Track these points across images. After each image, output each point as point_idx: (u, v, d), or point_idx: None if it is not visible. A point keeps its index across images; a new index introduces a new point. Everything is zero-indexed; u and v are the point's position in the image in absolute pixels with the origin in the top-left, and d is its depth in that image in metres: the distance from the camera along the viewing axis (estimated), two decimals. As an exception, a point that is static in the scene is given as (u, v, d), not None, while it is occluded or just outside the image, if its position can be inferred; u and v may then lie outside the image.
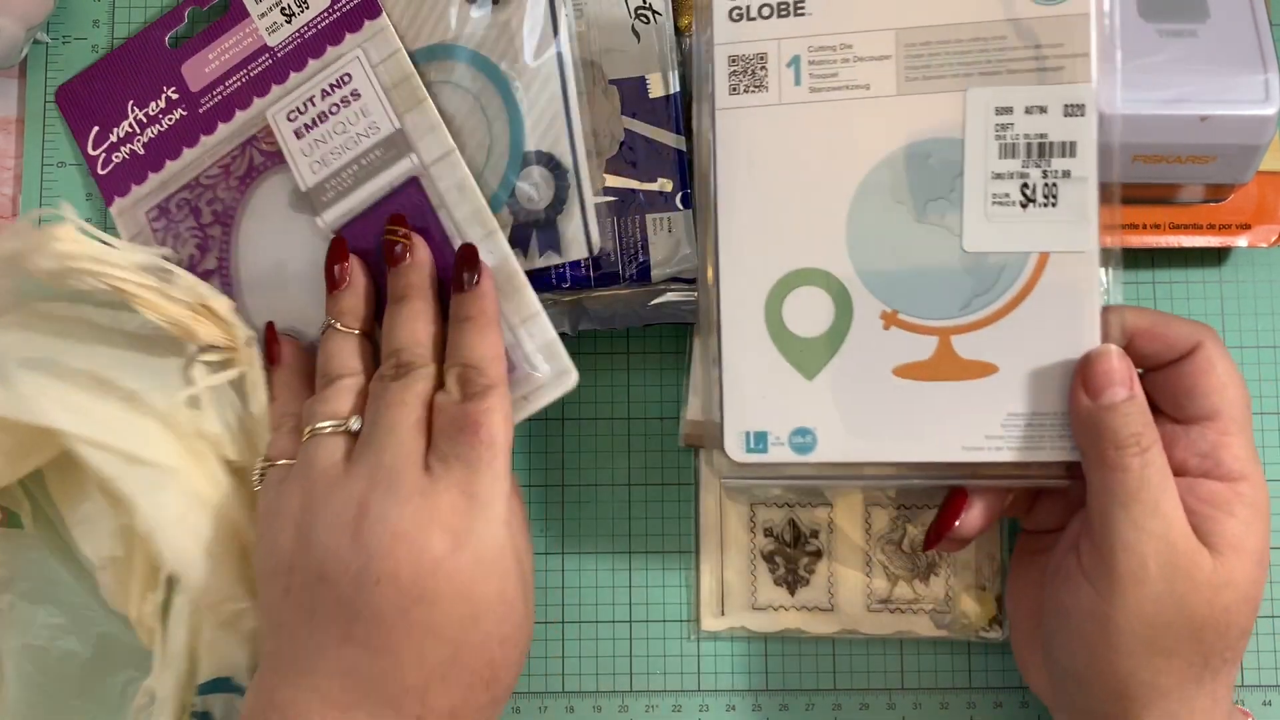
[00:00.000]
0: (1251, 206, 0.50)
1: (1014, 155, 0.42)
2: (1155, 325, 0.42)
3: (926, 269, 0.43)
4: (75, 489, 0.49)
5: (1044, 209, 0.42)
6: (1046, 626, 0.43)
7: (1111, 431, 0.40)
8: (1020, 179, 0.42)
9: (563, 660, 0.51)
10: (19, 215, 0.54)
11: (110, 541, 0.48)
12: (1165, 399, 0.42)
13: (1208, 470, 0.41)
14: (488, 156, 0.50)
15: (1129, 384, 0.40)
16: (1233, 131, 0.46)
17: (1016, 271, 0.42)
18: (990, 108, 0.42)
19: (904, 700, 0.51)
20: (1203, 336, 0.42)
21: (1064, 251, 0.42)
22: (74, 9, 0.55)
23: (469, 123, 0.49)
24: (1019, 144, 0.42)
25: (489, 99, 0.49)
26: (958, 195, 0.42)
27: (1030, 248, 0.42)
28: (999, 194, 0.42)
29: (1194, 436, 0.41)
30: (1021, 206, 0.42)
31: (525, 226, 0.49)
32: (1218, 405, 0.41)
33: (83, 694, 0.50)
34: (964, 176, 0.42)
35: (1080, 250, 0.42)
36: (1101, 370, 0.40)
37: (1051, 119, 0.42)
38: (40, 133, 0.54)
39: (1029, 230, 0.42)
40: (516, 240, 0.49)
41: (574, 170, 0.49)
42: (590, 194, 0.49)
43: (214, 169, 0.51)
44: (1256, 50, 0.46)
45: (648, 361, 0.52)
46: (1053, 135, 0.42)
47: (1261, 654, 0.51)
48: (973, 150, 0.42)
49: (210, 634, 0.46)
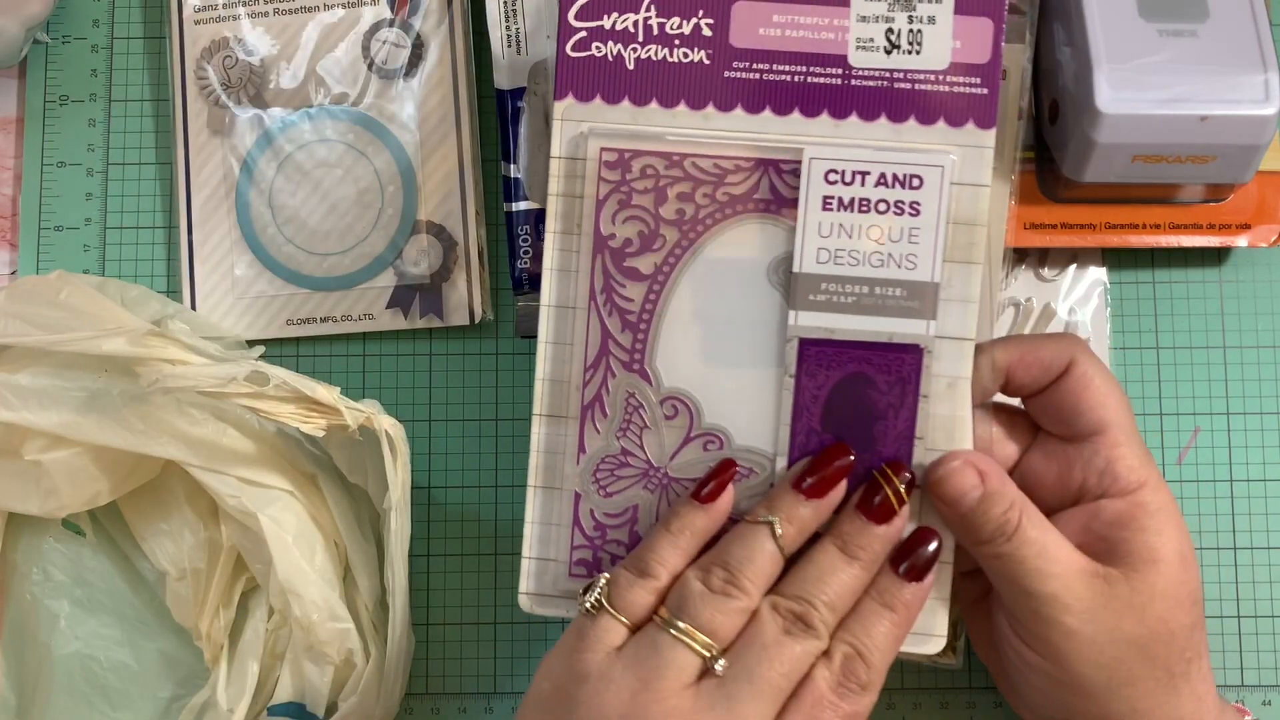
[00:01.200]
0: (1251, 206, 0.50)
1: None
2: (1025, 353, 0.42)
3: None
4: (152, 501, 0.50)
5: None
6: (1010, 678, 0.43)
7: (976, 531, 0.40)
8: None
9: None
10: (17, 215, 0.54)
11: (192, 554, 0.49)
12: (1051, 421, 0.42)
13: (1106, 488, 0.41)
14: (378, 217, 0.52)
15: (979, 482, 0.40)
16: (1233, 131, 0.46)
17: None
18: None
19: (904, 700, 0.51)
20: (1073, 353, 0.41)
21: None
22: (74, 9, 0.55)
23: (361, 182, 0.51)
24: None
25: (384, 162, 0.52)
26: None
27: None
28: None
29: (1087, 454, 0.41)
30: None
31: (409, 289, 0.51)
32: (1103, 418, 0.41)
33: (128, 707, 0.51)
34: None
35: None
36: (953, 487, 0.40)
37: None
38: (40, 133, 0.54)
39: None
40: (398, 300, 0.51)
41: (464, 243, 0.51)
42: (477, 267, 0.51)
43: (708, 163, 0.40)
44: (1256, 50, 0.46)
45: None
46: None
47: (1261, 654, 0.51)
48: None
49: (295, 655, 0.47)
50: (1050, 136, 0.50)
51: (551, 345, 0.42)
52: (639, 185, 0.41)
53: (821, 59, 0.40)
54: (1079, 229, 0.50)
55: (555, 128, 0.41)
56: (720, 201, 0.40)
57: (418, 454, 0.52)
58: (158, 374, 0.44)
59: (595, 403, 0.41)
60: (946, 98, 0.40)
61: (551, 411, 0.42)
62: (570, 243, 0.42)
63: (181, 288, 0.52)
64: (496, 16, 0.51)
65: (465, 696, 0.51)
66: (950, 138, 0.40)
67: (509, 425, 0.52)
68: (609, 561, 0.42)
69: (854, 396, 0.40)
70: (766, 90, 0.41)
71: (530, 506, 0.42)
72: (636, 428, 0.41)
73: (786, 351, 0.40)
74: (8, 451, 0.47)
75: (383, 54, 0.53)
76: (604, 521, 0.41)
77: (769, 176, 0.40)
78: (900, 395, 0.40)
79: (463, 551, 0.51)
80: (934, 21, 0.40)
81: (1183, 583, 0.40)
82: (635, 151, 0.41)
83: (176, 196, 0.53)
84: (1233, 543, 0.51)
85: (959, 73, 0.40)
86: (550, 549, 0.42)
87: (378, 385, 0.52)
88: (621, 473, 0.41)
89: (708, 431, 0.41)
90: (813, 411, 0.40)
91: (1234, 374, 0.52)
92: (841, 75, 0.40)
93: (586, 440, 0.41)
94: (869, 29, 0.40)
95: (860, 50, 0.40)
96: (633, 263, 0.41)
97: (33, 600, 0.51)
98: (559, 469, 0.42)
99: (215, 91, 0.53)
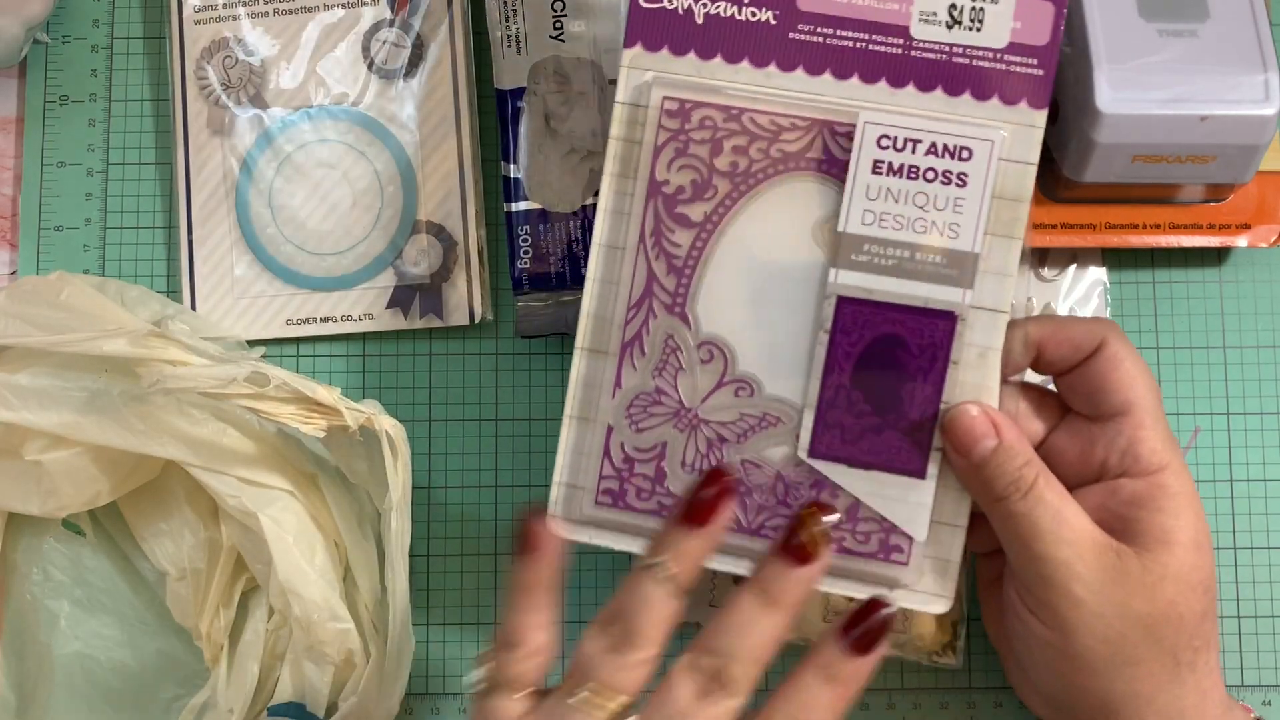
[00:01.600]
0: (1251, 206, 0.50)
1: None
2: (1057, 331, 0.42)
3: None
4: (152, 501, 0.50)
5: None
6: (1017, 656, 0.43)
7: (989, 484, 0.40)
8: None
9: (562, 661, 0.51)
10: (17, 215, 0.54)
11: (192, 554, 0.49)
12: (1079, 400, 0.42)
13: (1127, 468, 0.41)
14: (378, 217, 0.52)
15: (992, 433, 0.40)
16: (1233, 131, 0.46)
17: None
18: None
19: (904, 700, 0.51)
20: (1105, 333, 0.42)
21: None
22: (74, 9, 0.55)
23: (362, 181, 0.51)
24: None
25: (384, 163, 0.52)
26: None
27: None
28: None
29: (1111, 434, 0.41)
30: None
31: (409, 289, 0.51)
32: (1129, 399, 0.41)
33: (128, 707, 0.51)
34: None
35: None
36: (963, 428, 0.40)
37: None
38: (40, 133, 0.54)
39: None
40: (398, 300, 0.51)
41: (463, 244, 0.51)
42: (477, 268, 0.51)
43: (766, 119, 0.42)
44: (1256, 50, 0.46)
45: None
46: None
47: (1261, 654, 0.51)
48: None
49: (296, 655, 0.47)
50: (1050, 136, 0.49)
51: (599, 284, 0.43)
52: (697, 135, 0.42)
53: (884, 28, 0.41)
54: (1079, 229, 0.50)
55: (621, 75, 0.42)
56: (774, 158, 0.42)
57: (418, 454, 0.52)
58: (158, 374, 0.44)
59: (635, 341, 0.42)
60: (1003, 75, 0.41)
61: (593, 346, 0.43)
62: (625, 185, 0.43)
63: (181, 288, 0.52)
64: (496, 16, 0.51)
65: (465, 696, 0.51)
66: (1003, 114, 0.41)
67: (509, 425, 0.52)
68: (634, 494, 0.42)
69: (886, 357, 0.41)
70: (828, 54, 0.42)
71: (565, 435, 0.43)
72: (672, 369, 0.42)
73: (824, 308, 0.41)
74: (7, 452, 0.47)
75: (383, 54, 0.53)
76: (633, 455, 0.42)
77: (823, 137, 0.41)
78: (931, 360, 0.41)
79: (463, 551, 0.52)
80: (996, 1, 0.41)
81: (1196, 567, 0.40)
82: (696, 103, 0.42)
83: (176, 196, 0.53)
84: (1233, 543, 0.51)
85: (1017, 52, 0.41)
86: (580, 477, 0.43)
87: (378, 385, 0.52)
88: (654, 410, 0.42)
89: (740, 378, 0.42)
90: (844, 368, 0.41)
91: (1234, 374, 0.52)
92: (902, 46, 0.41)
93: (624, 376, 0.42)
94: (933, 3, 0.41)
95: (923, 23, 0.41)
96: (684, 210, 0.42)
97: (33, 600, 0.51)
98: (595, 401, 0.43)
99: (215, 91, 0.53)
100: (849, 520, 0.42)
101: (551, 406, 0.52)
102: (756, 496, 0.42)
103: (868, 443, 0.41)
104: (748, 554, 0.42)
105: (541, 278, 0.50)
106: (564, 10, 0.50)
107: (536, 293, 0.50)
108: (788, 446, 0.42)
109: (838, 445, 0.42)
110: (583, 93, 0.50)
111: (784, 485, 0.42)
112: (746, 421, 0.42)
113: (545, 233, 0.50)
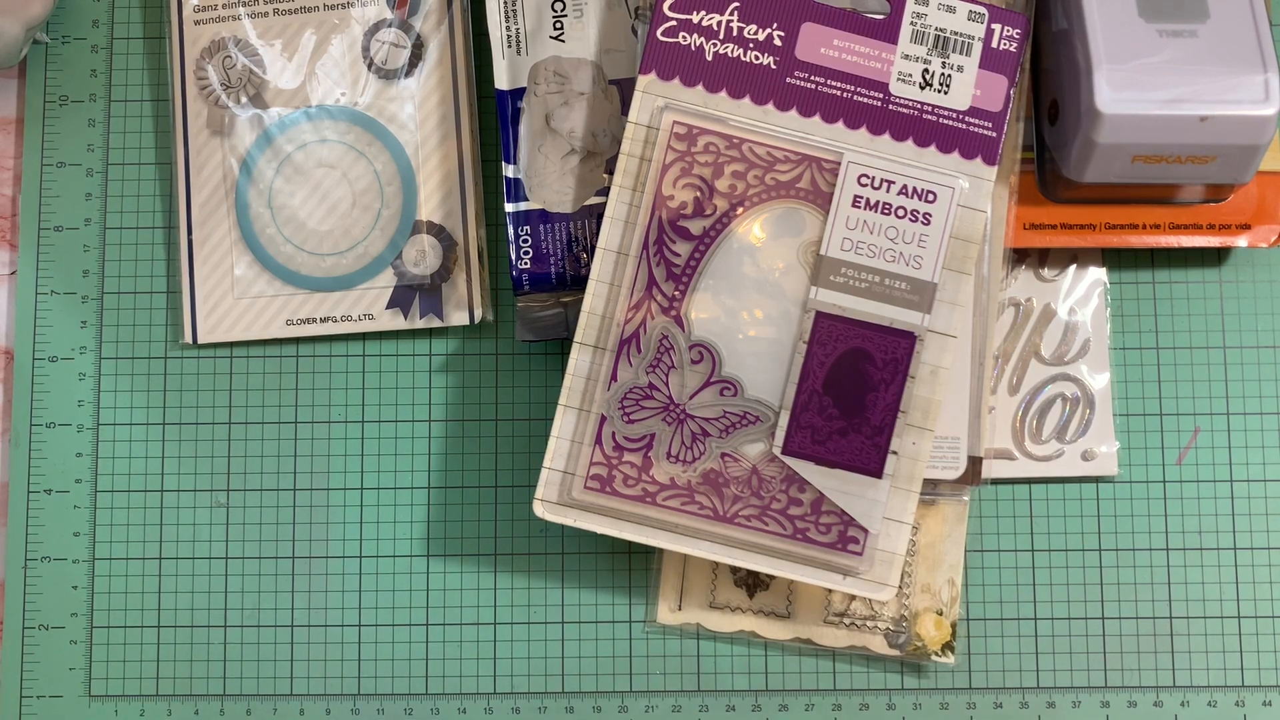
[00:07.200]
0: (1251, 206, 0.50)
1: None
2: None
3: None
4: None
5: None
6: None
7: None
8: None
9: (562, 661, 0.51)
10: (17, 215, 0.54)
11: None
12: None
13: None
14: (377, 217, 0.52)
15: None
16: (1233, 131, 0.46)
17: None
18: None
19: (903, 701, 0.51)
20: None
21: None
22: (74, 9, 0.55)
23: (362, 181, 0.52)
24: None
25: (384, 163, 0.52)
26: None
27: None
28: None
29: None
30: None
31: (409, 289, 0.52)
32: None
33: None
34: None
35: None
36: None
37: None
38: (40, 133, 0.54)
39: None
40: (398, 300, 0.52)
41: (463, 244, 0.51)
42: (477, 268, 0.51)
43: (763, 150, 0.47)
44: (1256, 50, 0.46)
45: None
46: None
47: (1262, 654, 0.51)
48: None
49: None
50: (1050, 137, 0.50)
51: (602, 285, 0.47)
52: (701, 158, 0.47)
53: (868, 83, 0.47)
54: (1079, 229, 0.50)
55: (636, 98, 0.47)
56: (768, 185, 0.47)
57: (418, 454, 0.52)
58: None
59: (632, 339, 0.47)
60: (963, 133, 0.47)
61: (592, 342, 0.47)
62: (632, 198, 0.47)
63: (181, 288, 0.52)
64: (496, 16, 0.51)
65: (465, 697, 0.51)
66: (962, 166, 0.47)
67: (509, 425, 0.52)
68: (621, 480, 0.46)
69: (854, 368, 0.46)
70: (819, 99, 0.47)
71: (558, 423, 0.47)
72: (665, 367, 0.47)
73: (804, 321, 0.46)
74: None
75: (382, 54, 0.53)
76: (623, 444, 0.46)
77: (811, 171, 0.47)
78: (892, 373, 0.46)
79: (463, 552, 0.52)
80: (962, 70, 0.47)
81: None
82: (702, 129, 0.47)
83: (176, 196, 0.53)
84: (1233, 543, 0.51)
85: (976, 115, 0.47)
86: (570, 463, 0.47)
87: (378, 385, 0.52)
88: (645, 404, 0.46)
89: (725, 379, 0.47)
90: (817, 375, 0.46)
91: (1234, 374, 0.52)
92: (882, 99, 0.47)
93: (620, 371, 0.46)
94: (909, 66, 0.47)
95: (900, 82, 0.47)
96: (685, 223, 0.47)
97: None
98: (590, 393, 0.47)
99: (215, 91, 0.53)
100: (813, 512, 0.46)
101: (551, 407, 0.52)
102: (733, 488, 0.46)
103: (834, 444, 0.46)
104: (724, 540, 0.46)
105: (541, 278, 0.50)
106: (564, 10, 0.50)
107: (536, 293, 0.50)
108: (764, 443, 0.46)
109: (808, 444, 0.46)
110: (583, 93, 0.50)
111: (758, 478, 0.46)
112: (729, 418, 0.46)
113: (545, 233, 0.50)
